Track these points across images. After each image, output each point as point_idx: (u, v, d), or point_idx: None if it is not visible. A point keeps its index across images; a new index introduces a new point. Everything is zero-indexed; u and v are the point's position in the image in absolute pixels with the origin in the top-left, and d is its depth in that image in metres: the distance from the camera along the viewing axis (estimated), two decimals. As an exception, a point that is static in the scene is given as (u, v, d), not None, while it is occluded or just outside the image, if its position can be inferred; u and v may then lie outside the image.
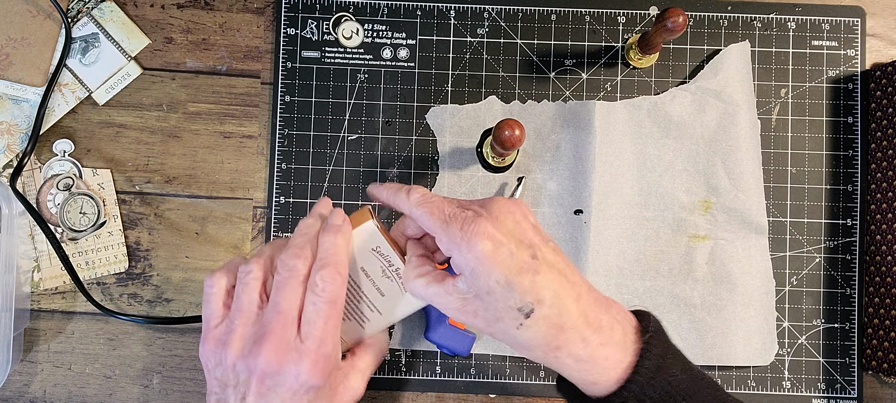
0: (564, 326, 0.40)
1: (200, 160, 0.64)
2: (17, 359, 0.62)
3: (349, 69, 0.64)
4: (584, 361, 0.41)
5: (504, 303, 0.40)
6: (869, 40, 0.65)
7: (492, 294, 0.40)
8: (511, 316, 0.40)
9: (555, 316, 0.40)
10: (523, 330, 0.40)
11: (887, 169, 0.61)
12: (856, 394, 0.63)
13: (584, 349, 0.41)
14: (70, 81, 0.63)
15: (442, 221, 0.42)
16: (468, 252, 0.40)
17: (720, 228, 0.62)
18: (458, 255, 0.41)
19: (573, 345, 0.41)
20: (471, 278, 0.41)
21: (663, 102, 0.63)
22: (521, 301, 0.40)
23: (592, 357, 0.41)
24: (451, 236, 0.41)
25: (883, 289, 0.61)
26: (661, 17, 0.55)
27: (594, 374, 0.41)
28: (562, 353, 0.41)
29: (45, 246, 0.62)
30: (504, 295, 0.40)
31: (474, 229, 0.40)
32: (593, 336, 0.41)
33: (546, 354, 0.41)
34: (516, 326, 0.40)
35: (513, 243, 0.40)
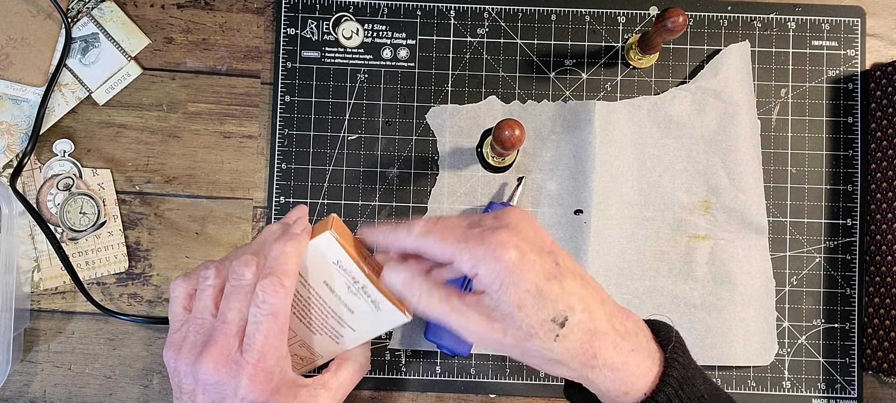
0: (597, 332, 0.39)
1: (200, 160, 0.64)
2: (17, 359, 0.62)
3: (349, 69, 0.64)
4: (619, 369, 0.39)
5: (537, 317, 0.38)
6: (869, 40, 0.65)
7: (523, 307, 0.38)
8: (546, 329, 0.38)
9: (587, 321, 0.39)
10: (560, 342, 0.38)
11: (887, 169, 0.61)
12: (856, 394, 0.63)
13: (617, 356, 0.39)
14: (70, 81, 0.63)
15: (458, 240, 0.39)
16: (495, 263, 0.37)
17: (720, 228, 0.62)
18: (485, 270, 0.38)
19: (607, 353, 0.39)
20: (499, 293, 0.38)
21: (663, 102, 0.63)
22: (554, 309, 0.38)
23: (626, 364, 0.39)
24: (474, 252, 0.38)
25: (883, 289, 0.61)
26: (661, 17, 0.55)
27: (627, 383, 0.40)
28: (598, 362, 0.39)
29: (45, 246, 0.62)
30: (536, 306, 0.38)
31: (498, 240, 0.38)
32: (623, 343, 0.40)
33: (583, 366, 0.39)
34: (553, 338, 0.38)
35: (535, 251, 0.39)
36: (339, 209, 0.63)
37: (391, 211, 0.63)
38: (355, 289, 0.45)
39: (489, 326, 0.39)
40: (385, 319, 0.46)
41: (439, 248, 0.40)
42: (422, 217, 0.43)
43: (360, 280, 0.44)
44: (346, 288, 0.45)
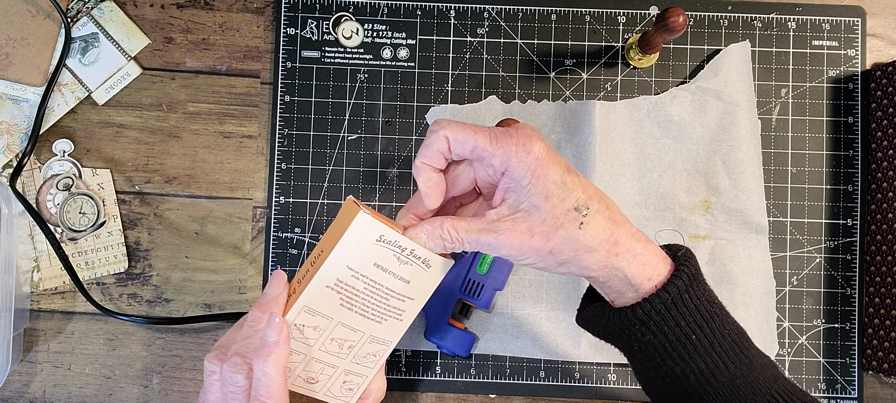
0: (616, 220, 0.41)
1: (200, 160, 0.63)
2: (17, 359, 0.61)
3: (349, 69, 0.64)
4: (640, 254, 0.41)
5: (562, 206, 0.40)
6: (869, 40, 0.65)
7: (550, 197, 0.40)
8: (570, 218, 0.40)
9: (605, 211, 0.41)
10: (585, 229, 0.40)
11: (887, 169, 0.61)
12: (856, 394, 0.63)
13: (637, 243, 0.42)
14: (70, 81, 0.63)
15: (489, 137, 0.41)
16: (526, 155, 0.40)
17: (720, 228, 0.62)
18: (517, 162, 0.40)
19: (628, 240, 0.41)
20: (530, 185, 0.40)
21: (663, 102, 0.63)
22: (577, 199, 0.40)
23: (646, 249, 0.42)
24: (506, 146, 0.40)
25: (883, 289, 0.61)
26: (662, 17, 0.55)
27: (650, 267, 0.42)
28: (621, 248, 0.41)
29: (44, 246, 0.62)
30: (561, 195, 0.40)
31: (526, 134, 0.40)
32: (639, 233, 0.42)
33: (609, 253, 0.41)
34: (578, 226, 0.40)
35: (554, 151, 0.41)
36: (339, 209, 0.63)
37: (391, 212, 0.63)
38: (405, 257, 0.44)
39: (517, 231, 0.41)
40: (434, 274, 0.46)
41: (470, 143, 0.41)
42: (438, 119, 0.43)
43: (406, 246, 0.44)
44: (397, 262, 0.44)
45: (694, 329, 0.41)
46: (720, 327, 0.42)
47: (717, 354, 0.41)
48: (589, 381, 0.63)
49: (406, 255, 0.44)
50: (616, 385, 0.62)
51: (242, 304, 0.63)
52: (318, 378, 0.47)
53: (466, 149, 0.41)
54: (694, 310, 0.41)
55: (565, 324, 0.62)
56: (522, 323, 0.62)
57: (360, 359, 0.48)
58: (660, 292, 0.41)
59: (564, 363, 0.63)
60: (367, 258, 0.44)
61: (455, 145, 0.41)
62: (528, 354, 0.62)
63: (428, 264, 0.45)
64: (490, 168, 0.42)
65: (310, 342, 0.45)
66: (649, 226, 0.63)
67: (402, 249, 0.44)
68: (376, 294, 0.45)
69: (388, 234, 0.43)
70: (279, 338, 0.42)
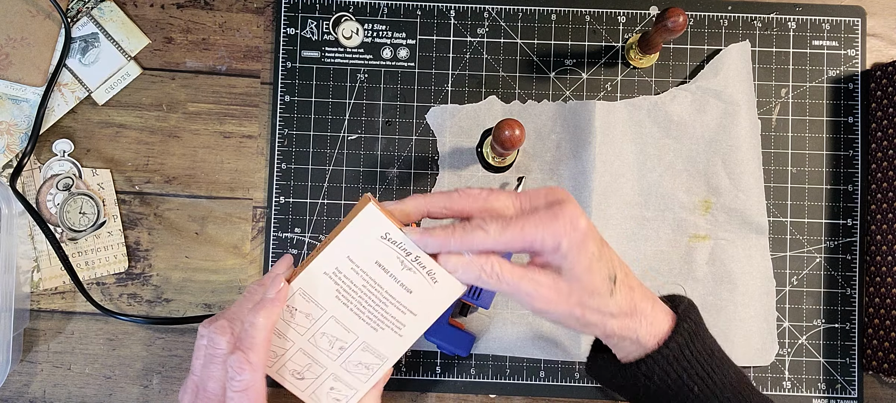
0: (633, 287, 0.44)
1: (200, 160, 0.63)
2: (17, 359, 0.61)
3: (349, 69, 0.64)
4: (649, 315, 0.44)
5: (599, 275, 0.42)
6: (869, 40, 0.65)
7: (591, 269, 0.41)
8: (604, 286, 0.42)
9: (625, 279, 0.43)
10: (614, 296, 0.42)
11: (887, 169, 0.61)
12: (856, 394, 0.63)
13: (647, 305, 0.44)
14: (70, 81, 0.63)
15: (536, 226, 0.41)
16: (574, 232, 0.41)
17: (720, 228, 0.62)
18: (567, 241, 0.41)
19: (642, 302, 0.43)
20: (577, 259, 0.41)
21: (663, 102, 0.63)
22: (609, 269, 0.42)
23: (653, 311, 0.44)
24: (555, 230, 0.41)
25: (883, 289, 0.61)
26: (662, 16, 0.55)
27: (657, 327, 0.44)
28: (637, 313, 0.43)
29: (44, 246, 0.62)
30: (599, 266, 0.42)
31: (571, 213, 0.41)
32: (647, 292, 0.44)
33: (628, 316, 0.43)
34: (609, 293, 0.42)
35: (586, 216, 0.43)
36: (339, 209, 0.63)
37: (391, 211, 0.63)
38: (409, 263, 0.43)
39: (556, 289, 0.42)
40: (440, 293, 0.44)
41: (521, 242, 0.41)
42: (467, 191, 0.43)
43: (411, 251, 0.43)
44: (399, 265, 0.43)
45: (695, 380, 0.43)
46: (721, 378, 0.44)
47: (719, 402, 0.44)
48: (589, 381, 0.63)
49: (410, 261, 0.43)
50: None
51: (242, 304, 0.63)
52: (304, 374, 0.46)
53: (516, 248, 0.42)
54: (694, 363, 0.43)
55: (565, 324, 0.62)
56: (522, 323, 0.62)
57: (351, 367, 0.46)
58: (662, 348, 0.43)
59: (564, 363, 0.63)
60: (369, 253, 0.43)
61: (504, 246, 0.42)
62: (528, 354, 0.62)
63: (433, 278, 0.44)
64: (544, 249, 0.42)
65: (300, 329, 0.45)
66: (649, 226, 0.63)
67: (407, 253, 0.43)
68: (374, 295, 0.44)
69: (394, 233, 0.42)
70: (276, 296, 0.43)
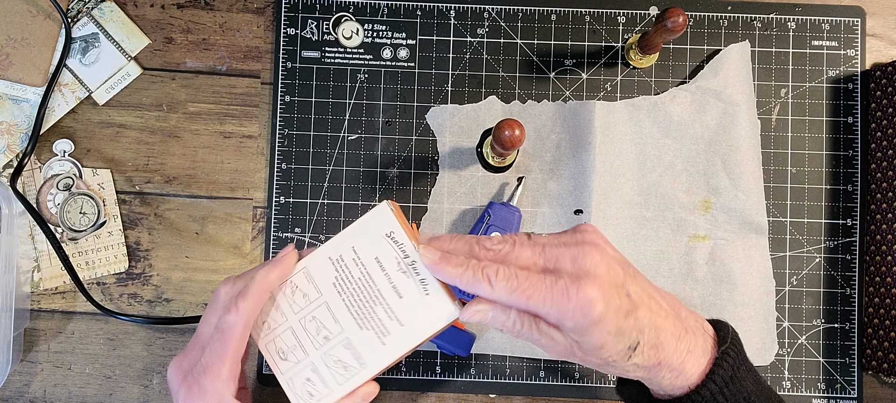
0: (661, 345, 0.42)
1: (200, 160, 0.64)
2: (17, 359, 0.62)
3: (349, 69, 0.64)
4: (676, 368, 0.43)
5: (615, 349, 0.41)
6: (869, 40, 0.65)
7: (604, 346, 0.40)
8: (621, 356, 0.41)
9: (653, 339, 0.42)
10: (633, 359, 0.42)
11: (887, 169, 0.61)
12: (856, 394, 0.63)
13: (676, 358, 0.43)
14: (70, 81, 0.63)
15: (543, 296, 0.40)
16: (583, 319, 0.39)
17: (720, 228, 0.62)
18: (572, 323, 0.40)
19: (669, 358, 0.42)
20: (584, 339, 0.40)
21: (663, 102, 0.63)
22: (629, 340, 0.41)
23: (683, 363, 0.43)
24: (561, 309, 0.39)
25: (883, 289, 0.61)
26: (661, 17, 0.55)
27: (682, 378, 0.43)
28: (662, 368, 0.42)
29: (45, 246, 0.62)
30: (615, 342, 0.40)
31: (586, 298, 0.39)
32: (683, 346, 0.43)
33: (648, 371, 0.43)
34: (627, 360, 0.42)
35: (614, 293, 0.40)
36: (339, 209, 0.63)
37: (391, 211, 0.63)
38: (405, 266, 0.43)
39: (571, 350, 0.42)
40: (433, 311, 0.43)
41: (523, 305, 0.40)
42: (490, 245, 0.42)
43: (410, 254, 0.43)
44: (396, 265, 0.44)
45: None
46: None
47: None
48: (589, 381, 0.63)
49: (407, 264, 0.43)
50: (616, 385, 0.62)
51: (242, 304, 0.63)
52: (288, 355, 0.46)
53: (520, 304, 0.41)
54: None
55: (565, 324, 0.62)
56: (522, 323, 0.62)
57: (330, 362, 0.45)
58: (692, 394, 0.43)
59: (564, 363, 0.63)
60: (372, 248, 0.44)
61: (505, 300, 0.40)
62: (528, 354, 0.62)
63: (426, 289, 0.43)
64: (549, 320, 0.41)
65: (295, 308, 0.46)
66: (649, 226, 0.63)
67: (405, 255, 0.43)
68: (367, 290, 0.45)
69: (398, 234, 0.43)
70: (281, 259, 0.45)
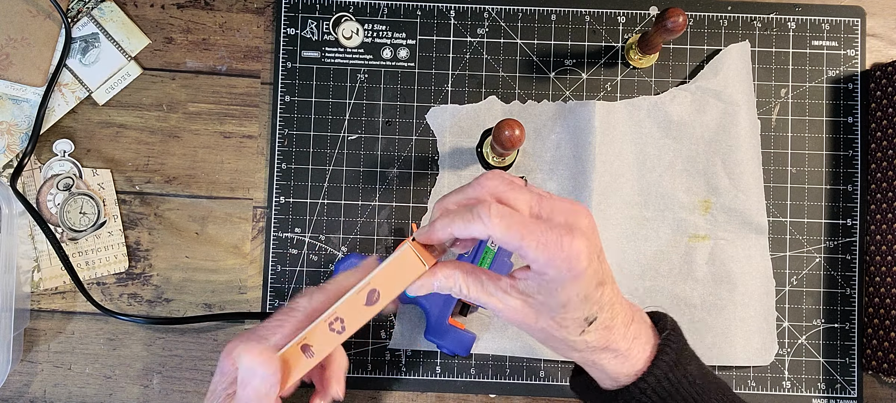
0: (612, 327, 0.42)
1: (200, 160, 0.64)
2: (17, 359, 0.62)
3: (349, 69, 0.64)
4: (622, 355, 0.42)
5: (574, 315, 0.40)
6: (869, 40, 0.65)
7: (567, 306, 0.40)
8: (576, 325, 0.41)
9: (608, 320, 0.42)
10: (584, 335, 0.41)
11: (887, 169, 0.61)
12: (856, 394, 0.63)
13: (624, 343, 0.42)
14: (70, 81, 0.63)
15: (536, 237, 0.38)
16: (568, 271, 0.38)
17: (720, 228, 0.62)
18: (555, 271, 0.38)
19: (617, 342, 0.42)
20: (556, 292, 0.39)
21: (663, 102, 0.63)
22: (589, 311, 0.41)
23: (629, 350, 0.43)
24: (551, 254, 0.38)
25: (883, 289, 0.61)
26: (661, 17, 0.55)
27: (627, 366, 0.43)
28: (607, 352, 0.42)
29: (45, 246, 0.62)
30: (578, 307, 0.40)
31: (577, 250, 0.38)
32: (630, 332, 0.43)
33: (592, 354, 0.42)
34: (579, 333, 0.41)
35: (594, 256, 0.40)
36: (339, 209, 0.63)
37: (391, 212, 0.63)
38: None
39: (523, 312, 0.41)
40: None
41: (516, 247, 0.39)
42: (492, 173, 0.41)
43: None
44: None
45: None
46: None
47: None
48: (589, 381, 0.63)
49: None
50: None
51: (242, 304, 0.63)
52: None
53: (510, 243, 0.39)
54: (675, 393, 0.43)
55: (565, 324, 0.62)
56: (522, 323, 0.62)
57: None
58: (638, 382, 0.42)
59: (564, 363, 0.63)
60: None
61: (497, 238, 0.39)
62: (528, 354, 0.62)
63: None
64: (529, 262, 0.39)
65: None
66: (649, 226, 0.63)
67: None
68: None
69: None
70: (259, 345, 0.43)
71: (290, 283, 0.63)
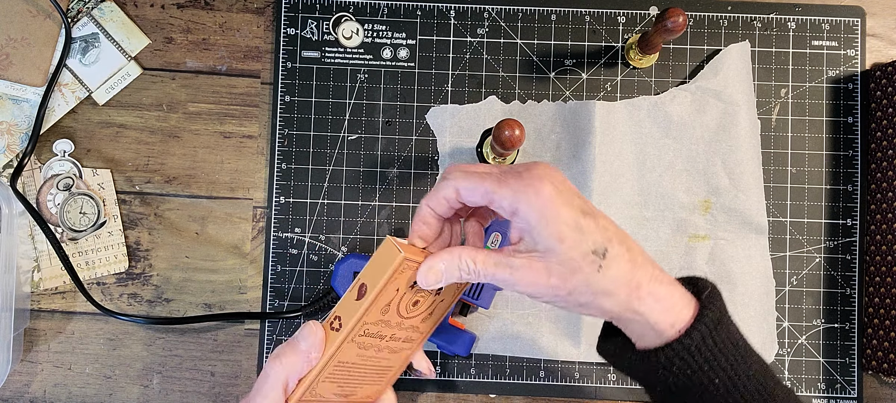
0: (636, 262, 0.40)
1: (200, 160, 0.64)
2: (17, 359, 0.62)
3: (349, 69, 0.64)
4: (664, 298, 0.40)
5: (578, 249, 0.38)
6: (869, 40, 0.65)
7: (564, 240, 0.38)
8: (588, 261, 0.39)
9: (625, 253, 0.40)
10: (604, 272, 0.39)
11: (887, 169, 0.61)
12: (856, 394, 0.63)
13: (660, 286, 0.40)
14: (70, 81, 0.63)
15: (496, 180, 0.39)
16: (535, 197, 0.38)
17: (720, 228, 0.62)
18: (525, 204, 0.38)
19: (650, 282, 0.40)
20: (540, 226, 0.38)
21: (663, 102, 0.63)
22: (594, 242, 0.39)
23: (670, 294, 0.40)
24: (514, 188, 0.39)
25: (883, 289, 0.61)
26: (661, 17, 0.55)
27: (673, 313, 0.40)
28: (643, 291, 0.40)
29: (45, 246, 0.62)
30: (576, 238, 0.38)
31: (536, 175, 0.39)
32: (662, 275, 0.41)
33: (629, 295, 0.40)
34: (597, 270, 0.39)
35: (568, 191, 0.40)
36: (339, 209, 0.63)
37: (391, 212, 0.63)
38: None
39: (533, 269, 0.39)
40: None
41: (480, 191, 0.40)
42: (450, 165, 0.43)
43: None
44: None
45: (718, 372, 0.40)
46: (745, 369, 0.41)
47: (740, 395, 0.41)
48: (589, 381, 0.63)
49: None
50: (616, 385, 0.62)
51: (242, 304, 0.63)
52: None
53: (477, 195, 0.40)
54: (719, 355, 0.40)
55: (565, 324, 0.62)
56: (522, 323, 0.62)
57: None
58: (683, 338, 0.40)
59: (564, 363, 0.63)
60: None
61: (465, 194, 0.40)
62: (528, 354, 0.62)
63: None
64: (502, 210, 0.40)
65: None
66: (649, 226, 0.63)
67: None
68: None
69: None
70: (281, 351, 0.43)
71: (290, 283, 0.63)
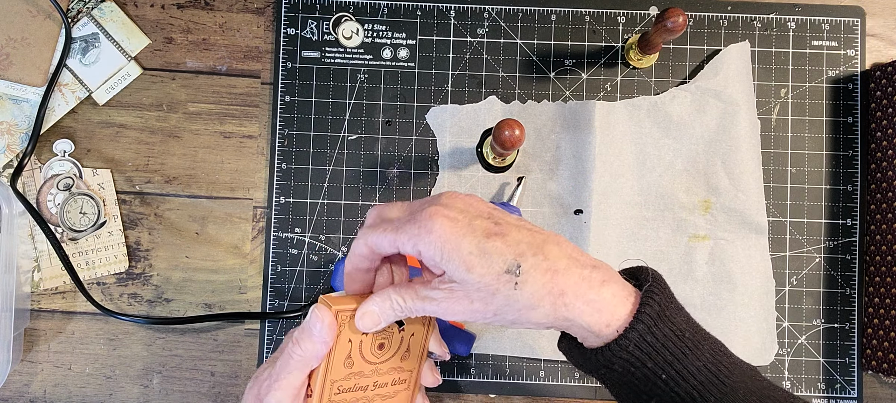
0: (558, 269, 0.39)
1: (200, 160, 0.64)
2: (17, 359, 0.62)
3: (349, 69, 0.64)
4: (594, 301, 0.39)
5: (490, 273, 0.38)
6: (869, 40, 0.65)
7: (472, 268, 0.38)
8: (503, 281, 0.38)
9: (542, 262, 0.39)
10: (522, 288, 0.38)
11: (887, 169, 0.61)
12: (856, 394, 0.63)
13: (588, 288, 0.39)
14: (70, 81, 0.63)
15: (394, 229, 0.40)
16: (429, 235, 0.38)
17: (720, 228, 0.62)
18: (424, 245, 0.39)
19: (576, 286, 0.39)
20: (444, 262, 0.39)
21: (663, 102, 0.63)
22: (504, 261, 0.38)
23: (600, 295, 0.39)
24: (410, 232, 0.39)
25: (883, 289, 0.61)
26: (661, 17, 0.55)
27: (607, 313, 0.39)
28: (569, 297, 0.39)
29: (45, 246, 0.62)
30: (484, 263, 0.38)
31: (427, 214, 0.39)
32: (593, 274, 0.40)
33: (555, 305, 0.39)
34: (513, 287, 0.38)
35: (468, 217, 0.39)
36: (339, 209, 0.63)
37: (391, 211, 0.63)
38: None
39: (455, 298, 0.40)
40: None
41: (386, 242, 0.40)
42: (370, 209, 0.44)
43: None
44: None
45: (663, 367, 0.39)
46: (693, 360, 0.40)
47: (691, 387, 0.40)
48: (589, 381, 0.63)
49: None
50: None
51: (242, 304, 0.63)
52: None
53: (386, 245, 0.40)
54: (662, 349, 0.39)
55: (565, 324, 0.62)
56: (522, 323, 0.62)
57: None
58: (620, 339, 0.39)
59: (564, 363, 0.63)
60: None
61: (376, 247, 0.41)
62: (528, 354, 0.62)
63: None
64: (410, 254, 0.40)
65: None
66: (649, 226, 0.63)
67: None
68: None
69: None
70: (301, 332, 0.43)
71: (290, 283, 0.63)
